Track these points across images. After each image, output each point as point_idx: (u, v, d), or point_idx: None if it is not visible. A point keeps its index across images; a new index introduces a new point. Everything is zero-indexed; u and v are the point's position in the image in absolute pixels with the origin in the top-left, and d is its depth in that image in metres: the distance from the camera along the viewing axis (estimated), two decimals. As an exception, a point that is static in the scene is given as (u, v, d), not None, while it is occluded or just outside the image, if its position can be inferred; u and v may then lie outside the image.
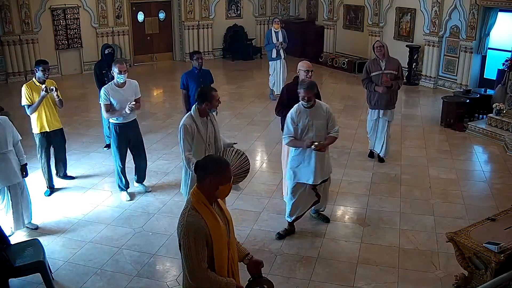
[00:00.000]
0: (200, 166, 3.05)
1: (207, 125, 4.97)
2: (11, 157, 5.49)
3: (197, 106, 4.92)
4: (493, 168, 7.94)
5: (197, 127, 4.87)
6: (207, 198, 3.03)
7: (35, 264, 4.67)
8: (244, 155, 4.94)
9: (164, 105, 11.59)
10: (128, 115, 6.38)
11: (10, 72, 13.12)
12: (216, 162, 3.09)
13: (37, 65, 6.52)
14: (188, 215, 2.97)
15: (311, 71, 6.04)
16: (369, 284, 4.91)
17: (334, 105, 11.03)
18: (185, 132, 4.83)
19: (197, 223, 2.94)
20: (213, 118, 5.08)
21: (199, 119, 4.91)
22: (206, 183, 3.01)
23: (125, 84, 6.35)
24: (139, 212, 6.34)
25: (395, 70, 7.42)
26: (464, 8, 11.51)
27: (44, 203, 6.53)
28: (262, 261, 3.34)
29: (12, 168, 5.51)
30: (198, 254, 2.94)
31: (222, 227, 3.06)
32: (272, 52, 11.04)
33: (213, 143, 5.02)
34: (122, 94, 6.29)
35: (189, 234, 2.93)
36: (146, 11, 15.29)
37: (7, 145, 5.44)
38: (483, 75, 11.72)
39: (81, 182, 7.23)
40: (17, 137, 5.66)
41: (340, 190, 6.89)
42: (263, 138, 9.05)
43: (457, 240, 4.41)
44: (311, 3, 16.79)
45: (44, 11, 13.41)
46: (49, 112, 6.60)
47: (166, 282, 4.94)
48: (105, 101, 6.26)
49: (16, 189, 5.64)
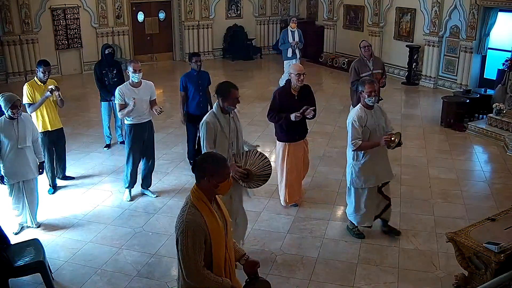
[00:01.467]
0: (196, 166, 3.03)
1: (230, 122, 4.81)
2: (28, 153, 5.65)
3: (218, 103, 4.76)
4: (493, 168, 7.94)
5: (220, 125, 4.72)
6: (207, 196, 3.03)
7: (35, 264, 4.67)
8: (267, 159, 4.87)
9: (164, 105, 11.54)
10: (143, 116, 6.35)
11: (10, 72, 13.13)
12: (213, 160, 3.05)
13: (38, 65, 6.55)
14: (188, 213, 2.96)
15: (303, 74, 5.80)
16: (369, 284, 4.91)
17: (334, 105, 11.06)
18: (208, 129, 4.68)
19: (196, 221, 2.94)
20: (235, 116, 4.93)
21: (221, 116, 4.75)
22: (205, 182, 3.00)
23: (140, 84, 6.33)
24: (139, 212, 6.34)
25: (381, 69, 7.56)
26: (464, 8, 11.51)
27: (44, 203, 6.51)
28: (259, 262, 3.33)
29: (28, 164, 5.66)
30: (195, 252, 2.93)
31: (220, 226, 3.06)
32: (287, 51, 10.98)
33: (236, 142, 4.88)
34: (138, 94, 6.26)
35: (187, 232, 2.92)
36: (146, 11, 15.28)
37: (26, 141, 5.61)
38: (483, 75, 11.72)
39: (81, 182, 7.22)
40: (37, 134, 5.89)
41: (340, 190, 6.88)
42: (263, 138, 9.04)
43: (457, 240, 4.41)
44: (311, 3, 16.78)
45: (44, 11, 13.40)
46: (50, 112, 6.66)
47: (166, 282, 4.95)
48: (120, 101, 6.23)
49: (30, 185, 5.78)
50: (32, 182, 5.82)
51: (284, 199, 6.34)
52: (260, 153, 4.89)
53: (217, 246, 3.03)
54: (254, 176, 4.77)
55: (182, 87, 7.43)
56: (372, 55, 7.51)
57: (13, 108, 5.44)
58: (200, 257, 2.96)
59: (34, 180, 5.84)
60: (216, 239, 3.01)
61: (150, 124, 6.58)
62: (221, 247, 3.06)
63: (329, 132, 9.22)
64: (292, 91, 5.88)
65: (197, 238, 2.93)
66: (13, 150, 5.52)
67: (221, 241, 3.06)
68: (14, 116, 5.48)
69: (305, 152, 6.31)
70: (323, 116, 9.87)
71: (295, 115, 5.67)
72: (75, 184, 7.16)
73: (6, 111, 5.48)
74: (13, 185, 5.68)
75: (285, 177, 6.19)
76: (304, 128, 6.15)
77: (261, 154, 4.88)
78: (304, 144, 6.27)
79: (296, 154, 6.13)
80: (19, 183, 5.69)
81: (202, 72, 7.50)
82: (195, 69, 7.39)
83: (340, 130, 9.31)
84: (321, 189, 6.94)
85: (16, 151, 5.55)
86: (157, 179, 7.21)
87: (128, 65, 6.28)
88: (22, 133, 5.56)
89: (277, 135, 6.18)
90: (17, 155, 5.56)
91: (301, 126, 6.05)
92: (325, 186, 7.04)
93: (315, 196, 6.72)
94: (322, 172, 7.46)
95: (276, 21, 17.22)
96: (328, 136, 9.02)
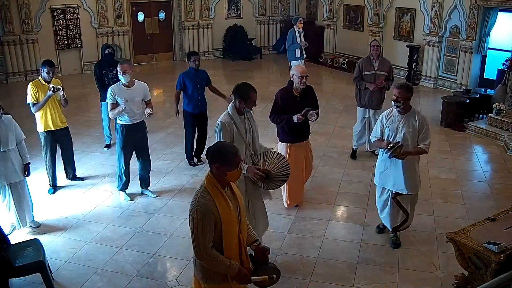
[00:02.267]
0: (209, 154, 3.22)
1: (245, 123, 4.75)
2: (12, 156, 5.55)
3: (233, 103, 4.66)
4: (493, 168, 7.94)
5: (235, 125, 4.64)
6: (219, 182, 3.21)
7: (35, 264, 4.67)
8: (285, 159, 4.82)
9: (164, 105, 11.57)
10: (135, 116, 6.35)
11: (10, 72, 13.10)
12: (221, 150, 3.23)
13: (43, 66, 6.54)
14: (200, 196, 3.16)
15: (306, 77, 5.72)
16: (369, 284, 4.91)
17: (334, 105, 11.06)
18: (224, 130, 4.56)
19: (207, 205, 3.12)
20: (250, 116, 4.85)
21: (237, 117, 4.67)
22: (214, 169, 3.19)
23: (133, 84, 6.34)
24: (139, 212, 6.34)
25: (387, 71, 7.55)
26: (464, 8, 11.51)
27: (44, 203, 6.52)
28: (269, 248, 3.48)
29: (13, 166, 5.57)
30: (205, 233, 3.10)
31: (232, 210, 3.21)
32: (296, 52, 10.86)
33: (252, 143, 4.80)
34: (130, 94, 6.26)
35: (197, 214, 3.10)
36: (146, 11, 15.28)
37: (9, 144, 5.51)
38: (483, 75, 11.72)
39: (82, 182, 7.21)
40: (21, 136, 5.75)
41: (340, 190, 6.89)
42: (263, 138, 8.98)
43: (457, 240, 4.41)
44: (311, 3, 16.78)
45: (44, 11, 13.40)
46: (54, 111, 6.64)
47: (166, 282, 4.94)
48: (112, 100, 6.25)
49: (17, 187, 5.71)
50: (19, 185, 5.71)
51: (286, 201, 6.32)
52: (278, 153, 4.84)
53: (228, 229, 3.19)
54: (274, 177, 4.70)
55: (179, 84, 7.45)
56: (380, 56, 7.52)
57: None
58: (210, 239, 3.12)
59: (21, 182, 5.73)
60: (227, 223, 3.17)
61: (142, 124, 6.56)
62: (232, 229, 3.22)
63: (329, 132, 9.21)
64: (293, 92, 5.84)
65: (206, 221, 3.10)
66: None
67: (232, 223, 3.21)
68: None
69: (307, 154, 6.23)
70: (323, 116, 9.83)
71: (297, 117, 5.64)
72: (75, 184, 7.16)
73: None
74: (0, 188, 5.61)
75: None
76: (306, 130, 6.09)
77: (279, 154, 4.82)
78: (307, 146, 6.21)
79: (297, 155, 6.06)
80: (5, 186, 5.59)
81: (200, 71, 7.50)
82: (193, 67, 7.40)
83: (340, 130, 9.32)
84: (321, 189, 6.93)
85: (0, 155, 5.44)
86: (157, 179, 7.21)
87: (118, 65, 6.28)
88: (4, 136, 5.44)
89: (279, 136, 6.16)
90: (1, 158, 5.45)
91: (303, 127, 5.98)
92: (325, 186, 7.04)
93: (315, 196, 6.71)
94: (322, 172, 7.46)
95: (276, 21, 17.23)
96: (328, 136, 9.01)
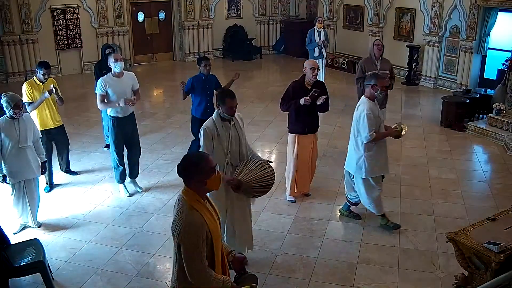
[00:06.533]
0: (181, 172, 3.07)
1: (230, 130, 4.67)
2: (28, 152, 5.67)
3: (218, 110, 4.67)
4: (493, 168, 7.94)
5: (217, 131, 4.60)
6: (199, 195, 3.07)
7: (35, 264, 4.67)
8: (269, 170, 4.65)
9: (164, 105, 11.59)
10: (125, 109, 6.40)
11: (10, 72, 13.12)
12: (191, 162, 3.08)
13: (39, 67, 6.57)
14: (187, 215, 2.97)
15: (317, 69, 6.18)
16: (369, 284, 4.91)
17: (334, 105, 10.96)
18: (205, 135, 4.58)
19: (197, 221, 2.95)
20: (237, 123, 4.75)
21: (220, 123, 4.63)
22: (192, 183, 3.05)
23: (122, 75, 6.40)
24: (139, 212, 6.34)
25: (389, 70, 7.62)
26: (464, 8, 11.51)
27: (44, 203, 6.51)
28: (246, 257, 3.41)
29: (29, 163, 5.67)
30: (200, 253, 2.95)
31: (217, 221, 3.11)
32: (314, 51, 11.08)
33: (237, 150, 4.72)
34: (120, 85, 6.32)
35: (191, 234, 2.92)
36: (146, 11, 15.28)
37: (27, 141, 5.64)
38: (483, 75, 11.72)
39: (81, 181, 7.22)
40: (38, 134, 5.92)
41: (340, 190, 6.88)
42: (263, 138, 9.05)
43: (457, 240, 4.41)
44: (311, 3, 16.78)
45: (44, 11, 13.40)
46: (50, 110, 6.73)
47: (166, 282, 4.94)
48: (101, 91, 6.28)
49: (31, 184, 5.80)
50: (33, 182, 5.83)
51: (292, 190, 6.50)
52: (261, 163, 4.67)
53: (217, 242, 3.08)
54: (248, 188, 4.59)
55: (186, 87, 7.24)
56: (382, 56, 7.64)
57: (16, 108, 5.45)
58: (205, 257, 2.98)
59: (35, 179, 5.86)
60: (216, 236, 3.05)
61: (132, 116, 6.62)
62: (218, 243, 3.11)
63: (329, 132, 9.21)
64: (305, 85, 6.13)
65: (200, 238, 2.94)
66: (14, 149, 5.54)
67: (218, 238, 3.11)
68: (16, 116, 5.49)
69: (314, 146, 6.48)
70: (323, 116, 9.83)
71: (304, 99, 5.91)
72: (75, 184, 7.16)
73: (8, 111, 5.49)
74: (15, 185, 5.69)
75: (295, 168, 6.40)
76: (315, 122, 6.37)
77: (261, 164, 4.65)
78: (314, 138, 6.45)
79: (305, 145, 6.35)
80: (20, 183, 5.70)
81: (210, 76, 7.29)
82: (203, 73, 7.21)
83: (340, 130, 9.32)
84: (321, 189, 6.93)
85: (17, 151, 5.56)
86: (157, 179, 7.21)
87: (109, 58, 6.34)
88: (23, 133, 5.58)
89: (288, 127, 6.42)
90: (18, 154, 5.58)
91: (311, 118, 6.29)
92: (325, 186, 7.04)
93: (315, 196, 6.71)
94: (322, 172, 7.45)
95: (276, 21, 17.22)
96: (328, 136, 9.01)
